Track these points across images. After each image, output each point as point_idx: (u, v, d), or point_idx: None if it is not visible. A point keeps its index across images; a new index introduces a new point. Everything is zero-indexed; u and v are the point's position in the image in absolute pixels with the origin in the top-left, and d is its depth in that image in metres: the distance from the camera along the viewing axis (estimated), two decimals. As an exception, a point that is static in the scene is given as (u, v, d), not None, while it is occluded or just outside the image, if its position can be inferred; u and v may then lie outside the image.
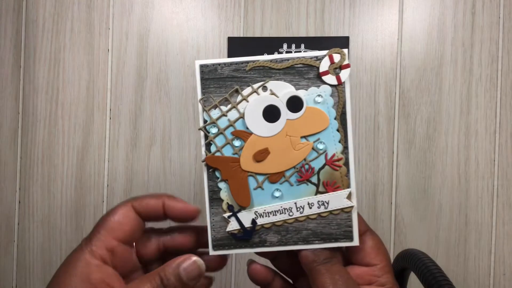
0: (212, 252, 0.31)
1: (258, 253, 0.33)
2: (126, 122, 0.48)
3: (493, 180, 0.48)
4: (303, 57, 0.31)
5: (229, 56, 0.48)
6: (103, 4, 0.48)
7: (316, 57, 0.31)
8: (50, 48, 0.48)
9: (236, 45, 0.48)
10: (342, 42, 0.47)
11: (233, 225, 0.31)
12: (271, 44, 0.47)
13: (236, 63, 0.31)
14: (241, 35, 0.48)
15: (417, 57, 0.48)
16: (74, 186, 0.48)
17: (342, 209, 0.31)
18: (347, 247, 0.32)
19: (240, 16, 0.48)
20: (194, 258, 0.30)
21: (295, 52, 0.47)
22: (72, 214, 0.48)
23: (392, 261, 0.40)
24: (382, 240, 0.32)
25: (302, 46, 0.47)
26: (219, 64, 0.31)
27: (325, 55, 0.31)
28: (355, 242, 0.31)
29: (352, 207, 0.31)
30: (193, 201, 0.48)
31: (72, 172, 0.48)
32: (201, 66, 0.31)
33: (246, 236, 0.32)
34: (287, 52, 0.47)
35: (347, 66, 0.31)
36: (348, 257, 0.32)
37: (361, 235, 0.32)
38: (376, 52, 0.48)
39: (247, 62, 0.31)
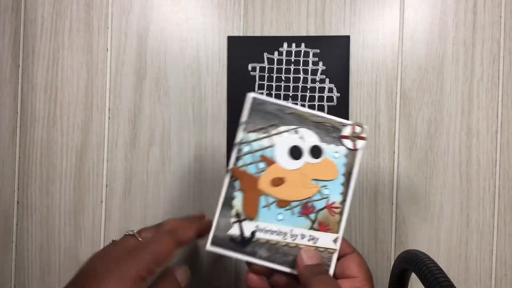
0: (208, 247, 0.36)
1: (246, 263, 0.36)
2: (125, 122, 0.48)
3: (495, 180, 0.47)
4: (333, 119, 0.37)
5: (229, 55, 0.47)
6: (102, 3, 0.48)
7: (343, 123, 0.37)
8: (48, 48, 0.48)
9: (236, 45, 0.47)
10: (342, 42, 0.47)
11: (235, 230, 0.36)
12: (271, 43, 0.47)
13: (281, 105, 0.37)
14: (241, 34, 0.48)
15: (418, 56, 0.48)
16: (72, 186, 0.48)
17: (327, 249, 0.36)
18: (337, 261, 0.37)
19: (240, 15, 0.48)
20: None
21: (295, 50, 0.46)
22: (71, 214, 0.48)
23: (393, 262, 0.40)
24: (365, 260, 0.37)
25: (303, 45, 0.47)
26: (267, 100, 0.37)
27: (350, 124, 0.37)
28: (330, 274, 0.36)
29: (335, 250, 0.36)
30: (192, 201, 0.48)
31: (71, 172, 0.48)
32: (254, 98, 0.37)
33: (242, 243, 0.36)
34: (287, 51, 0.47)
35: (363, 138, 0.37)
36: (336, 273, 0.37)
37: (349, 253, 0.37)
38: (377, 51, 0.48)
39: (289, 108, 0.37)
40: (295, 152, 0.37)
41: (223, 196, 0.36)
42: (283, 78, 0.47)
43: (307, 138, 0.38)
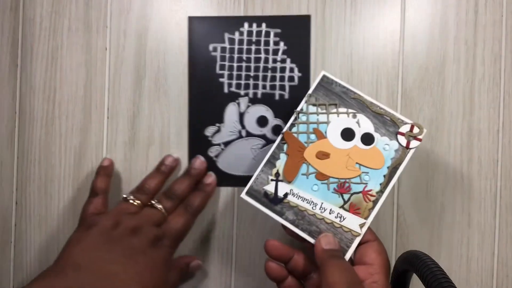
0: (243, 195, 0.39)
1: (282, 226, 0.39)
2: (124, 122, 0.48)
3: (496, 180, 0.47)
4: (395, 115, 0.40)
5: (190, 35, 0.47)
6: (101, 3, 0.48)
7: (403, 120, 0.40)
8: (47, 47, 0.48)
9: (197, 25, 0.47)
10: (303, 21, 0.47)
11: (270, 187, 0.39)
12: (232, 23, 0.47)
13: (348, 88, 0.41)
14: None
15: (419, 56, 0.47)
16: (71, 187, 0.48)
17: (351, 230, 0.38)
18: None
19: (240, 15, 0.48)
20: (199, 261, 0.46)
21: (256, 30, 0.47)
22: (69, 215, 0.48)
23: (394, 262, 0.40)
24: (386, 250, 0.38)
25: (264, 25, 0.47)
26: (335, 81, 0.41)
27: (410, 123, 0.40)
28: (345, 258, 0.37)
29: (359, 234, 0.38)
30: (192, 201, 0.48)
31: (70, 172, 0.48)
32: (324, 75, 0.41)
33: (274, 201, 0.39)
34: (248, 31, 0.47)
35: (419, 140, 0.39)
36: (354, 258, 0.38)
37: (371, 241, 0.38)
38: (377, 51, 0.47)
39: (355, 93, 0.40)
40: (347, 134, 0.40)
41: (269, 154, 0.40)
42: (244, 58, 0.47)
43: (363, 124, 0.40)
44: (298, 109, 0.40)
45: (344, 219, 0.38)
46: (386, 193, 0.38)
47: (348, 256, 0.38)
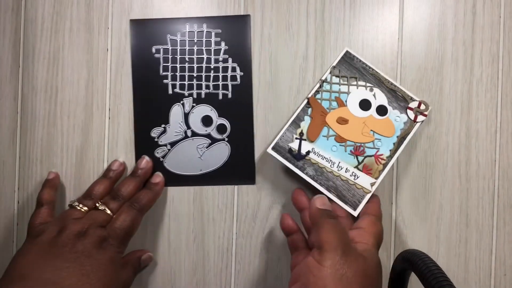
0: (269, 150, 0.44)
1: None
2: (125, 122, 0.48)
3: (494, 180, 0.48)
4: (405, 92, 0.46)
5: (132, 38, 0.47)
6: (102, 4, 0.48)
7: (412, 97, 0.46)
8: (49, 48, 0.48)
9: (139, 28, 0.47)
10: (243, 21, 0.48)
11: (294, 145, 0.44)
12: (173, 25, 0.47)
13: (367, 64, 0.46)
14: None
15: (418, 56, 0.48)
16: (73, 187, 0.48)
17: (363, 188, 0.44)
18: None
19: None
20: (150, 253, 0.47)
21: (197, 31, 0.47)
22: (71, 214, 0.48)
23: (392, 262, 0.40)
24: (382, 226, 0.41)
25: (204, 25, 0.47)
26: (357, 57, 0.46)
27: (418, 100, 0.45)
28: (355, 213, 0.43)
29: (369, 192, 0.44)
30: (192, 199, 0.48)
31: (71, 172, 0.48)
32: (347, 51, 0.47)
33: (297, 157, 0.44)
34: (189, 32, 0.47)
35: (425, 115, 0.45)
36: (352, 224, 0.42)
37: (371, 214, 0.42)
38: (376, 52, 0.48)
39: (373, 69, 0.46)
40: (365, 105, 0.45)
41: (295, 116, 0.45)
42: (186, 59, 0.47)
43: (378, 97, 0.45)
44: (323, 78, 0.45)
45: (357, 177, 0.44)
46: (394, 158, 0.44)
47: (358, 211, 0.43)
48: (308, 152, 0.44)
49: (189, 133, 0.47)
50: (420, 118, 0.45)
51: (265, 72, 0.48)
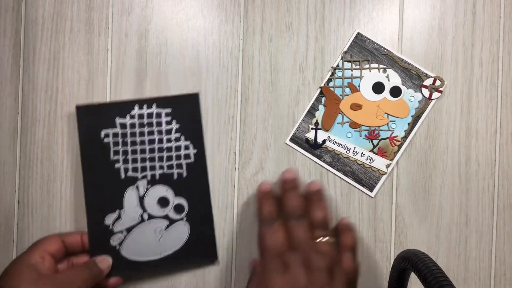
0: (287, 141, 0.46)
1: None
2: (125, 122, 0.48)
3: (494, 180, 0.48)
4: (420, 69, 0.46)
5: (79, 124, 0.46)
6: (102, 4, 0.48)
7: (426, 74, 0.46)
8: (49, 48, 0.48)
9: (86, 113, 0.46)
10: (192, 99, 0.47)
11: (310, 135, 0.46)
12: (121, 108, 0.46)
13: (379, 45, 0.46)
14: (241, 35, 0.48)
15: (418, 57, 0.48)
16: (73, 186, 0.48)
17: (379, 170, 0.45)
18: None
19: (240, 16, 0.48)
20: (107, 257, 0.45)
21: (147, 112, 0.46)
22: (71, 214, 0.48)
23: (392, 261, 0.40)
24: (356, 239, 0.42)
25: (154, 106, 0.46)
26: (369, 39, 0.46)
27: (432, 77, 0.46)
28: (372, 194, 0.46)
29: (385, 173, 0.45)
30: (192, 201, 0.48)
31: (72, 171, 0.48)
32: (358, 33, 0.46)
33: (314, 146, 0.45)
34: (139, 114, 0.46)
35: (440, 91, 0.45)
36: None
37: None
38: (376, 51, 0.48)
39: (386, 49, 0.46)
40: (378, 87, 0.45)
41: (309, 106, 0.46)
42: (138, 142, 0.46)
43: (392, 78, 0.45)
44: (334, 65, 0.45)
45: (373, 160, 0.45)
46: (409, 138, 0.45)
47: (375, 191, 0.46)
48: (324, 141, 0.45)
49: (145, 216, 0.46)
50: (436, 95, 0.45)
51: (265, 72, 0.48)
